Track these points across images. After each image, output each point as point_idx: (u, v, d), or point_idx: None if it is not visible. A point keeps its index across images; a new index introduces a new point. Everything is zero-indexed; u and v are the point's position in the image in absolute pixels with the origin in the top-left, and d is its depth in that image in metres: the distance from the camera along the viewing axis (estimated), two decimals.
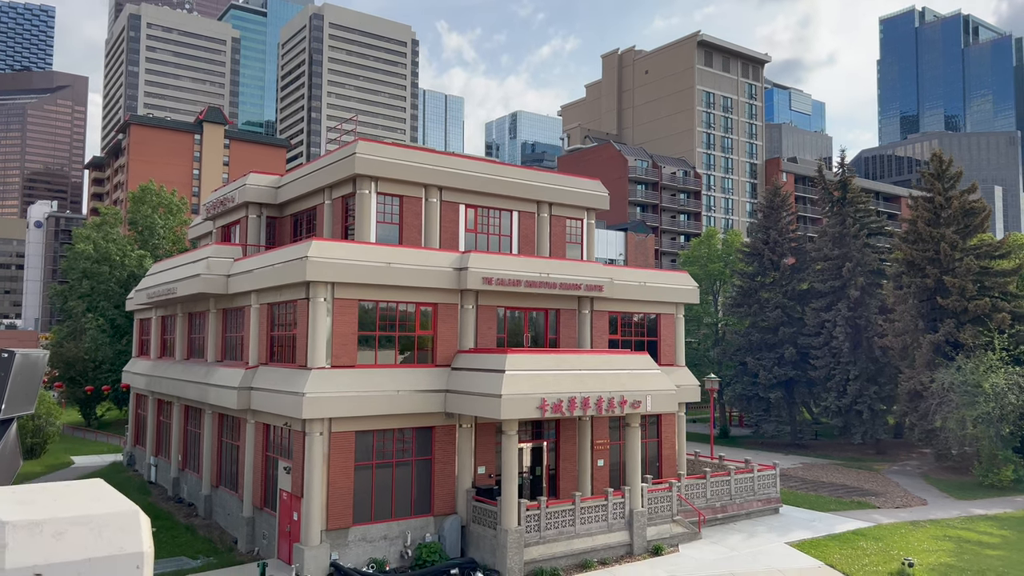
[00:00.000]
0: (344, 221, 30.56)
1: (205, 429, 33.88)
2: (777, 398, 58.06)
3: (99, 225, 63.50)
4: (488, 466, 29.05)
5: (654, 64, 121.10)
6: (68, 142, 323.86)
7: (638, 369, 28.73)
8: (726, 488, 33.59)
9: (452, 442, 28.22)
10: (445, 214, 31.13)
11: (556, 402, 25.85)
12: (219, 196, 36.99)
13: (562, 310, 31.47)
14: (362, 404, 25.71)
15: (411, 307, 27.92)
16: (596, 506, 27.92)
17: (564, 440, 30.95)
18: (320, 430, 25.24)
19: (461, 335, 28.80)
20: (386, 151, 29.77)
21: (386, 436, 26.99)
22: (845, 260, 56.24)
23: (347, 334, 26.16)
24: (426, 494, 27.69)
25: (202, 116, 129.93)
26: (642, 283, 33.57)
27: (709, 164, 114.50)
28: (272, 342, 28.94)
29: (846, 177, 58.32)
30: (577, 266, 31.08)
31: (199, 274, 31.07)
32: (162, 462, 40.34)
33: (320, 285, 25.68)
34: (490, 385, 25.54)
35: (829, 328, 55.61)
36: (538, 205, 33.71)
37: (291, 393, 25.23)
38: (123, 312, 60.53)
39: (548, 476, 30.73)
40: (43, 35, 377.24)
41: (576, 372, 27.06)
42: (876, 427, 54.31)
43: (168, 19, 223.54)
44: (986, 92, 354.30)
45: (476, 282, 28.11)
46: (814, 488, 42.12)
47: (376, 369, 26.68)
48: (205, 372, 32.52)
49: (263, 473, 28.87)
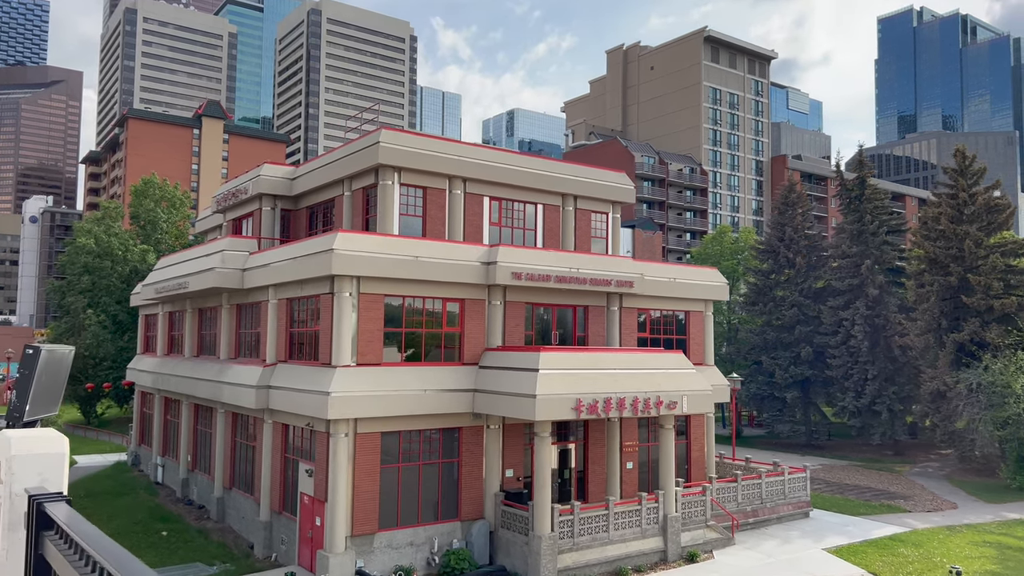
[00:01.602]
0: (365, 213, 29.34)
1: (217, 429, 32.65)
2: (793, 398, 57.06)
3: (100, 219, 62.05)
4: (516, 469, 27.89)
5: (660, 60, 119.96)
6: (63, 137, 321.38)
7: (673, 368, 27.60)
8: (757, 492, 32.51)
9: (480, 444, 27.05)
10: (469, 207, 29.98)
11: (591, 403, 24.70)
12: (231, 188, 35.73)
13: (591, 307, 30.31)
14: (389, 404, 24.53)
15: (438, 303, 26.73)
16: (630, 511, 26.80)
17: (593, 442, 29.81)
18: (345, 431, 24.05)
19: (488, 332, 27.62)
20: (410, 140, 28.59)
21: (412, 437, 25.81)
22: (863, 257, 55.23)
23: (373, 331, 24.97)
24: (453, 498, 26.52)
25: (201, 110, 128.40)
26: (672, 279, 32.44)
27: (715, 161, 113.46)
28: (291, 339, 27.71)
29: (864, 173, 57.32)
30: (607, 261, 29.93)
31: (213, 268, 29.80)
32: (170, 462, 39.08)
33: (346, 279, 24.48)
34: (523, 385, 24.38)
35: (847, 327, 54.57)
36: (563, 198, 32.57)
37: (315, 392, 24.03)
38: (125, 308, 59.18)
39: (576, 479, 29.58)
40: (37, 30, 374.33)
41: (611, 371, 25.91)
42: (895, 428, 53.30)
43: (164, 14, 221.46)
44: (984, 92, 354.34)
45: (505, 277, 26.95)
46: (839, 490, 41.08)
47: (403, 367, 25.49)
48: (218, 370, 31.28)
49: (281, 475, 27.65)
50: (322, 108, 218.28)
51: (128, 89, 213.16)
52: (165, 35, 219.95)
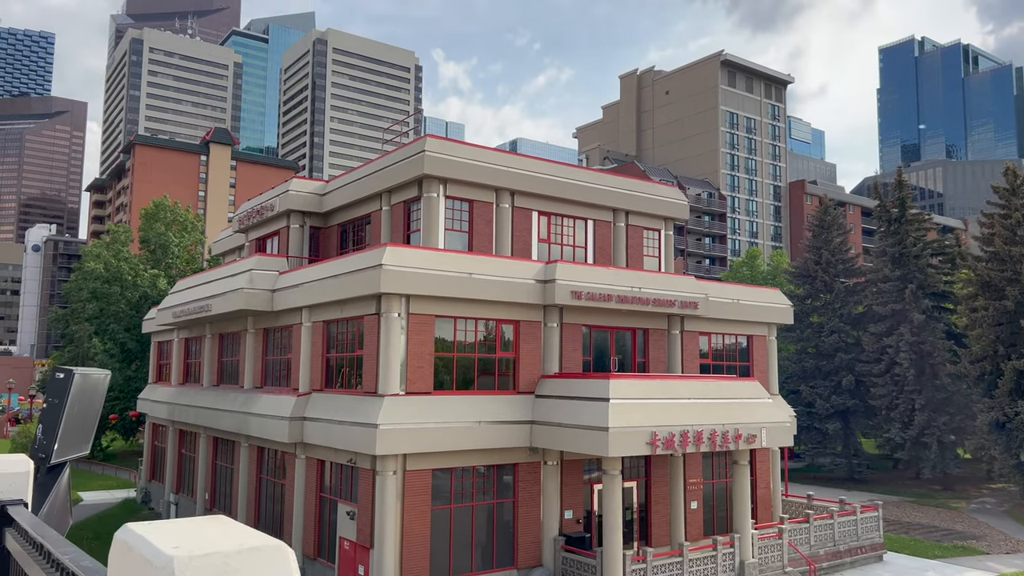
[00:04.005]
0: (406, 229, 26.96)
1: (240, 464, 29.97)
2: (835, 429, 54.26)
3: (110, 243, 59.66)
4: (575, 510, 25.21)
5: (675, 84, 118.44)
6: (66, 167, 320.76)
7: (750, 398, 25.04)
8: (829, 533, 29.72)
9: (536, 482, 24.40)
10: (517, 222, 27.63)
11: (667, 436, 22.10)
12: (255, 205, 33.39)
13: (651, 330, 27.82)
14: (441, 438, 21.93)
15: (490, 325, 24.25)
16: (704, 557, 24.07)
17: (655, 479, 27.13)
18: (393, 468, 21.43)
19: (544, 357, 25.10)
20: (457, 149, 26.31)
21: (464, 475, 23.18)
22: (906, 281, 52.78)
23: (423, 355, 22.45)
24: (508, 543, 23.81)
25: (209, 137, 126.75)
26: (735, 300, 29.97)
27: (733, 186, 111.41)
28: (328, 365, 25.18)
29: (904, 194, 55.13)
30: (671, 280, 27.50)
31: (241, 288, 27.32)
32: (184, 500, 36.29)
33: (394, 298, 22.01)
34: (592, 416, 21.80)
35: (891, 354, 51.94)
36: (614, 213, 30.24)
37: (360, 424, 21.44)
38: (134, 335, 56.59)
39: (639, 520, 26.85)
40: (42, 61, 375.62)
41: (686, 401, 23.34)
42: (946, 461, 50.42)
43: (170, 44, 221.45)
44: (987, 121, 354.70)
45: (564, 296, 24.49)
46: (903, 529, 38.23)
47: (455, 396, 22.93)
48: (244, 400, 28.67)
49: (316, 517, 24.95)
50: (327, 137, 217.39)
51: (133, 119, 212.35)
52: (171, 65, 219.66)
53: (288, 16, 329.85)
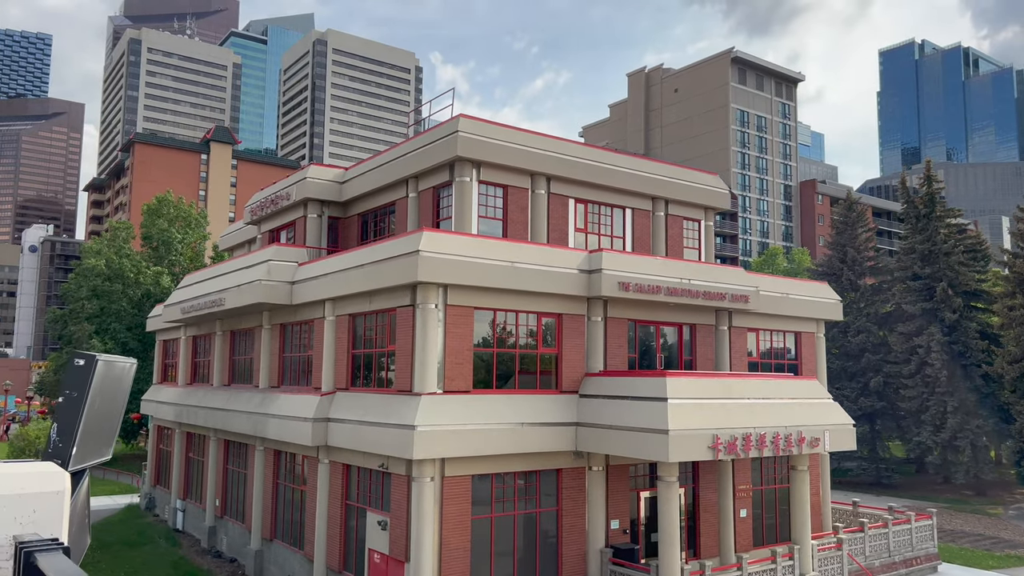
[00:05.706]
0: (435, 217, 25.08)
1: (255, 469, 28.03)
2: (862, 432, 52.36)
3: (111, 239, 57.63)
4: (621, 519, 23.30)
5: (684, 82, 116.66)
6: (63, 169, 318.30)
7: (810, 398, 23.21)
8: (884, 543, 27.85)
9: (581, 489, 22.50)
10: (554, 209, 25.78)
11: (729, 440, 20.22)
12: (270, 194, 31.49)
13: (698, 325, 25.96)
14: (482, 440, 20.02)
15: (532, 318, 22.36)
16: (764, 570, 22.19)
17: (703, 486, 25.23)
18: (431, 474, 19.51)
19: (588, 354, 23.21)
20: (491, 130, 24.44)
21: (505, 481, 21.27)
22: (936, 279, 51.03)
23: (462, 351, 20.55)
24: (552, 555, 21.89)
25: (209, 135, 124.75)
26: (784, 295, 28.11)
27: (744, 185, 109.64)
28: (354, 362, 23.26)
29: (933, 189, 53.38)
30: (721, 272, 25.64)
31: (258, 280, 25.39)
32: (192, 507, 34.32)
33: (431, 288, 20.11)
34: (648, 418, 19.91)
35: (921, 354, 50.16)
36: (653, 202, 28.39)
37: (394, 426, 19.52)
38: (136, 334, 54.59)
39: (687, 529, 24.95)
40: (39, 63, 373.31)
41: (746, 401, 21.47)
42: (980, 465, 48.61)
43: (169, 44, 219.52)
44: (988, 124, 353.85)
45: (611, 288, 22.60)
46: (950, 538, 36.37)
47: (496, 396, 21.04)
48: (260, 400, 26.73)
49: (341, 526, 23.00)
50: (327, 138, 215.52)
51: (131, 119, 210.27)
52: (169, 65, 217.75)
53: (287, 18, 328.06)
